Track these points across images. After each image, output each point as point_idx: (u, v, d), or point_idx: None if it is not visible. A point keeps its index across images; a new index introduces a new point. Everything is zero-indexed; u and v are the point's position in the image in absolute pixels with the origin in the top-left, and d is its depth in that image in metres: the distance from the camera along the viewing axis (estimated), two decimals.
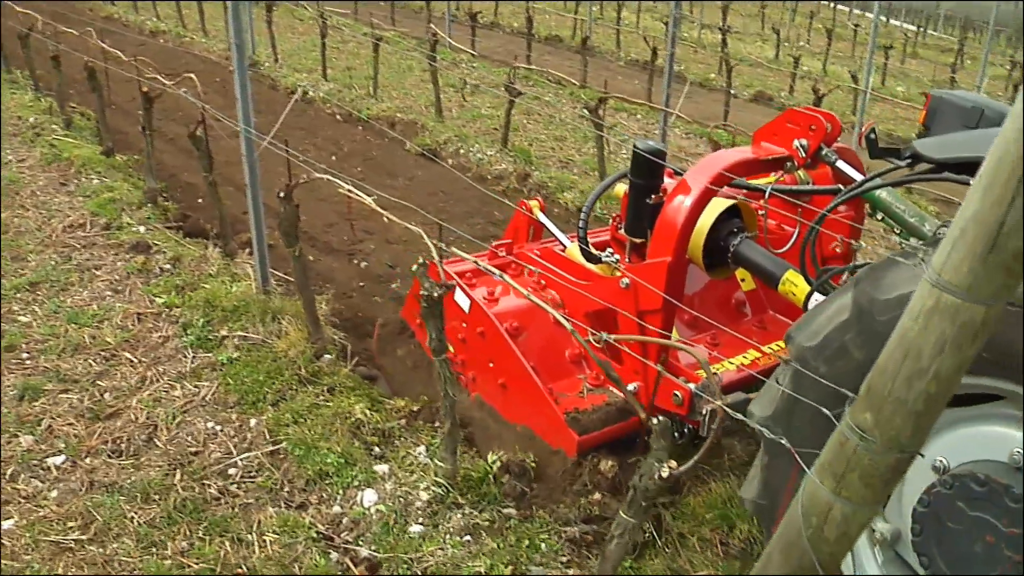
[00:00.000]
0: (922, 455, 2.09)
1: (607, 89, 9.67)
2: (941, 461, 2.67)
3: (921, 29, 41.30)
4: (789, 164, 4.31)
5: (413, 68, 15.46)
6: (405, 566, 3.74)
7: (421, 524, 3.97)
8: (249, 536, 3.91)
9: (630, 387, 4.15)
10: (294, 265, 5.17)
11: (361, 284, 6.81)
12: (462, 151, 10.18)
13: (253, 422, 4.71)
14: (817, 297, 3.85)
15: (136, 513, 4.02)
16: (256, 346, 5.38)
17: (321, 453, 4.40)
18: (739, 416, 2.87)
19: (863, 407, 2.07)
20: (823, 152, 4.34)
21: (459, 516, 3.98)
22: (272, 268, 6.08)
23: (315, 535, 3.94)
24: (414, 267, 3.75)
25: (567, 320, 3.38)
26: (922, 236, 3.96)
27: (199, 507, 4.08)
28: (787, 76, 18.48)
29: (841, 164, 4.31)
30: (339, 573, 3.75)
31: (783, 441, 2.64)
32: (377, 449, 4.53)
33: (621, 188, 4.63)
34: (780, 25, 29.11)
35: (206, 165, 6.37)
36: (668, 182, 4.41)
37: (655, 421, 2.70)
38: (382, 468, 4.34)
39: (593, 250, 4.74)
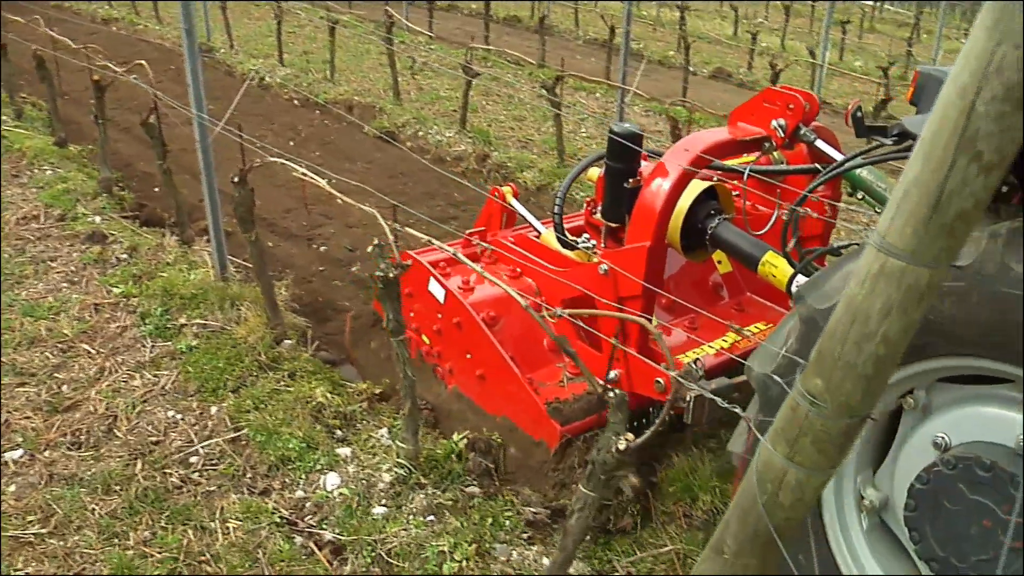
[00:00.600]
0: (872, 416, 2.11)
1: (565, 68, 9.66)
2: (942, 437, 2.63)
3: (878, 4, 41.53)
4: (767, 144, 4.24)
5: (371, 51, 15.34)
6: (369, 548, 3.73)
7: (384, 506, 3.96)
8: (212, 524, 3.89)
9: (611, 375, 4.09)
10: (251, 250, 5.13)
11: (321, 268, 6.78)
12: (420, 133, 10.14)
13: (214, 409, 4.68)
14: (800, 279, 3.82)
15: (97, 505, 3.98)
16: (215, 333, 5.34)
17: (283, 438, 4.38)
18: (725, 404, 2.89)
19: (813, 373, 2.09)
20: (801, 132, 4.27)
21: (422, 496, 3.98)
22: (230, 255, 6.03)
23: (278, 520, 3.93)
24: (370, 248, 3.72)
25: (541, 309, 3.36)
26: None
27: (161, 496, 4.05)
28: (745, 53, 18.55)
29: (820, 143, 4.24)
30: (303, 557, 3.74)
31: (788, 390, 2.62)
32: (339, 432, 4.51)
33: (595, 172, 4.58)
34: (738, 2, 29.17)
35: (160, 153, 6.30)
36: (644, 165, 4.37)
37: (611, 394, 2.71)
38: (344, 451, 4.33)
39: (569, 236, 4.66)
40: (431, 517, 3.89)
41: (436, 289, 4.60)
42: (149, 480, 4.15)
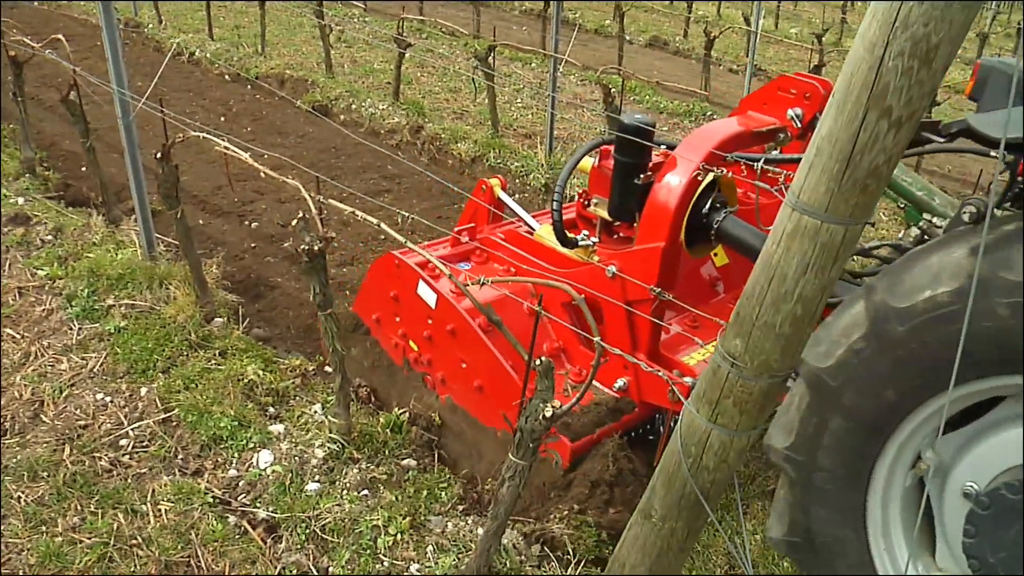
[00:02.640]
0: (793, 376, 2.12)
1: (501, 39, 9.59)
2: (971, 486, 2.51)
3: None
4: (782, 136, 4.07)
5: (304, 25, 15.11)
6: (303, 525, 3.70)
7: (318, 482, 3.92)
8: (143, 507, 3.82)
9: (618, 383, 3.93)
10: (177, 227, 5.02)
11: (253, 245, 6.68)
12: (354, 106, 10.02)
13: (144, 391, 4.58)
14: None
15: (23, 492, 3.88)
16: (144, 313, 5.23)
17: (214, 417, 4.31)
18: None
19: (733, 334, 2.09)
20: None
21: (356, 471, 3.95)
22: (159, 234, 5.91)
23: (211, 500, 3.87)
24: (294, 222, 3.66)
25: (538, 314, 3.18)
26: (932, 210, 3.73)
27: (90, 481, 3.96)
28: (681, 20, 18.59)
29: None
30: (237, 536, 3.69)
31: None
32: (272, 409, 4.46)
33: (588, 162, 4.35)
34: None
35: (82, 130, 6.14)
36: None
37: (538, 362, 2.69)
38: (277, 428, 4.28)
39: (569, 234, 4.36)
40: (365, 492, 3.86)
41: (426, 293, 4.27)
42: (77, 465, 4.05)
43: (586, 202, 4.43)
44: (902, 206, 3.96)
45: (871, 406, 2.37)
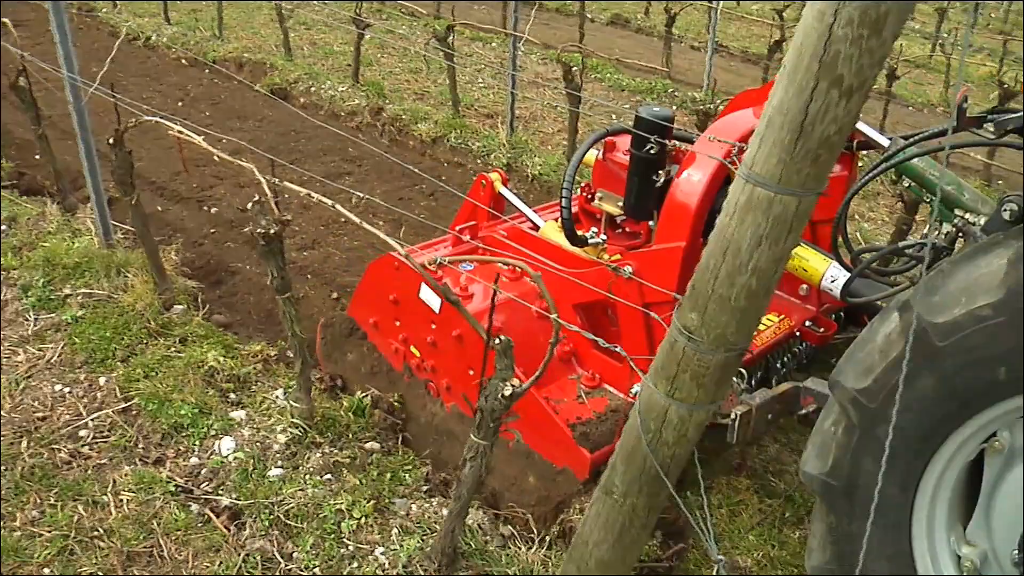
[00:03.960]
0: (749, 350, 2.11)
1: (462, 18, 9.52)
2: (1017, 554, 2.42)
3: None
4: None
5: (262, 7, 14.92)
6: (267, 511, 3.67)
7: (280, 467, 3.89)
8: (104, 497, 3.77)
9: (634, 388, 3.77)
10: (132, 214, 4.95)
11: (212, 231, 6.60)
12: (313, 89, 9.92)
13: (103, 380, 4.52)
14: (836, 274, 3.61)
15: None
16: (102, 302, 5.16)
17: (175, 405, 4.26)
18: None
19: (689, 307, 2.08)
20: None
21: (318, 455, 3.93)
22: (116, 221, 5.82)
23: (173, 489, 3.83)
24: (250, 205, 3.61)
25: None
26: (962, 206, 3.60)
27: (49, 473, 3.91)
28: None
29: (861, 125, 3.96)
30: (200, 525, 3.66)
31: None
32: (233, 396, 4.42)
33: (592, 155, 4.24)
34: None
35: (34, 117, 6.02)
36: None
37: (496, 342, 2.67)
38: (239, 414, 4.24)
39: (579, 231, 4.19)
40: (329, 476, 3.84)
41: (429, 296, 4.02)
42: (36, 457, 3.99)
43: (589, 196, 4.30)
44: (928, 200, 3.87)
45: (915, 424, 2.35)
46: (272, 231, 3.53)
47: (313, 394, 4.22)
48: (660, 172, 3.77)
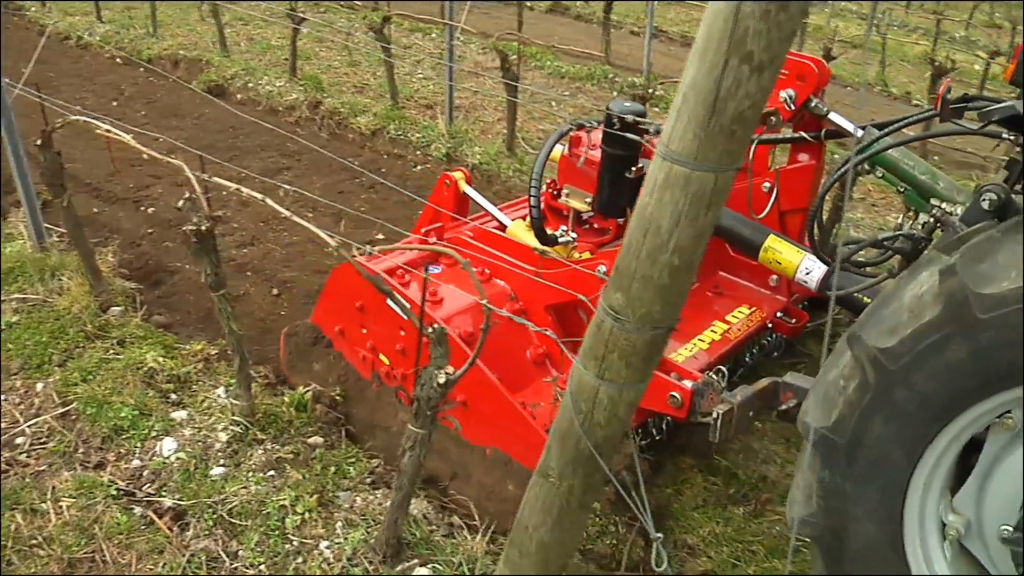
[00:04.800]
0: (675, 327, 2.12)
1: (399, 10, 9.46)
2: (1006, 530, 2.41)
3: None
4: (774, 119, 3.90)
5: (197, 4, 14.72)
6: (210, 510, 3.64)
7: (223, 466, 3.86)
8: (43, 505, 3.71)
9: None
10: (64, 216, 4.86)
11: (150, 231, 6.50)
12: (251, 85, 9.81)
13: (39, 386, 4.45)
14: (811, 266, 3.59)
15: None
16: (37, 307, 5.07)
17: (115, 408, 4.21)
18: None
19: (614, 288, 2.09)
20: (813, 103, 3.96)
21: (261, 452, 3.90)
22: (50, 224, 5.71)
23: (115, 493, 3.78)
24: (180, 202, 3.57)
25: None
26: (937, 195, 3.62)
27: None
28: None
29: (834, 116, 3.97)
30: (143, 527, 3.62)
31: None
32: (174, 396, 4.37)
33: (558, 151, 4.17)
34: None
35: None
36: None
37: (430, 330, 2.67)
38: (180, 414, 4.19)
39: (549, 230, 4.09)
40: (272, 472, 3.82)
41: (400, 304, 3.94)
42: None
43: (555, 192, 4.23)
44: (902, 190, 3.84)
45: (938, 393, 2.31)
46: (204, 228, 3.49)
47: (254, 390, 4.19)
48: (633, 168, 3.72)
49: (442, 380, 2.62)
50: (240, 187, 3.27)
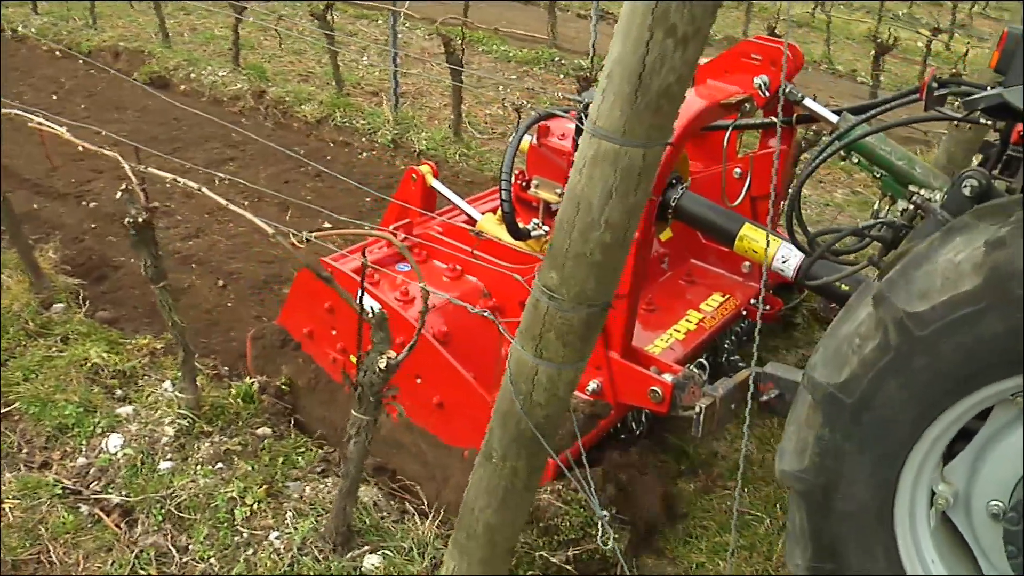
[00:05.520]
0: (612, 305, 2.12)
1: None
2: (996, 505, 2.44)
3: None
4: (748, 106, 3.85)
5: None
6: (158, 505, 3.60)
7: (170, 460, 3.82)
8: None
9: (590, 385, 3.66)
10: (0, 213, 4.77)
11: (93, 226, 6.39)
12: (194, 75, 9.67)
13: None
14: (787, 254, 3.58)
15: None
16: None
17: (58, 406, 4.14)
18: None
19: (548, 267, 2.09)
20: (788, 89, 3.93)
21: (208, 445, 3.86)
22: None
23: (61, 492, 3.72)
24: (117, 194, 3.51)
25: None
26: (914, 181, 3.60)
27: None
28: None
29: (808, 101, 3.94)
30: (90, 526, 3.58)
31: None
32: (119, 391, 4.31)
33: (527, 142, 4.11)
34: None
35: None
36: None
37: (371, 314, 2.65)
38: (126, 410, 4.14)
39: (521, 224, 3.99)
40: (220, 464, 3.78)
41: (368, 303, 3.72)
42: None
43: (524, 184, 4.18)
44: (878, 175, 3.83)
45: (956, 367, 2.28)
46: (141, 219, 3.44)
47: (201, 383, 4.14)
48: None
49: (383, 365, 2.60)
50: (177, 177, 3.22)
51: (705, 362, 3.67)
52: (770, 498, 4.02)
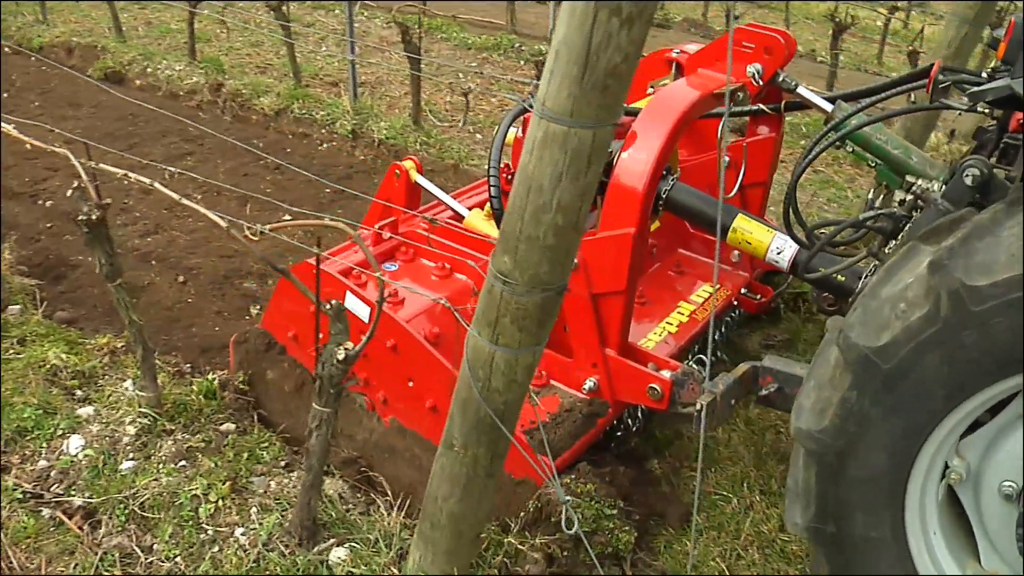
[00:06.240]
0: (568, 288, 2.11)
1: None
2: (1010, 486, 2.41)
3: None
4: (741, 95, 3.81)
5: None
6: (121, 506, 3.55)
7: (132, 459, 3.77)
8: None
9: (587, 384, 3.60)
10: None
11: (49, 225, 6.30)
12: (149, 70, 9.56)
13: None
14: (781, 245, 3.53)
15: None
16: None
17: (16, 409, 4.07)
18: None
19: (501, 251, 2.07)
20: (780, 78, 3.89)
21: (170, 443, 3.82)
22: None
23: (21, 496, 3.66)
24: (69, 192, 3.46)
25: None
26: (910, 170, 3.56)
27: None
28: None
29: (802, 90, 3.89)
30: (52, 529, 3.52)
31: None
32: (79, 392, 4.24)
33: (512, 134, 4.03)
34: None
35: None
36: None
37: (328, 307, 2.63)
38: (86, 411, 4.08)
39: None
40: (183, 462, 3.74)
41: (356, 305, 3.63)
42: None
43: (510, 177, 3.98)
44: (873, 165, 3.80)
45: (926, 393, 2.28)
46: (94, 217, 3.39)
47: (162, 380, 4.10)
48: None
49: (342, 356, 2.58)
50: (128, 173, 3.17)
51: (705, 358, 3.60)
52: (736, 478, 4.04)
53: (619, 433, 3.97)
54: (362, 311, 3.60)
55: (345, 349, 2.58)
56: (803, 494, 2.61)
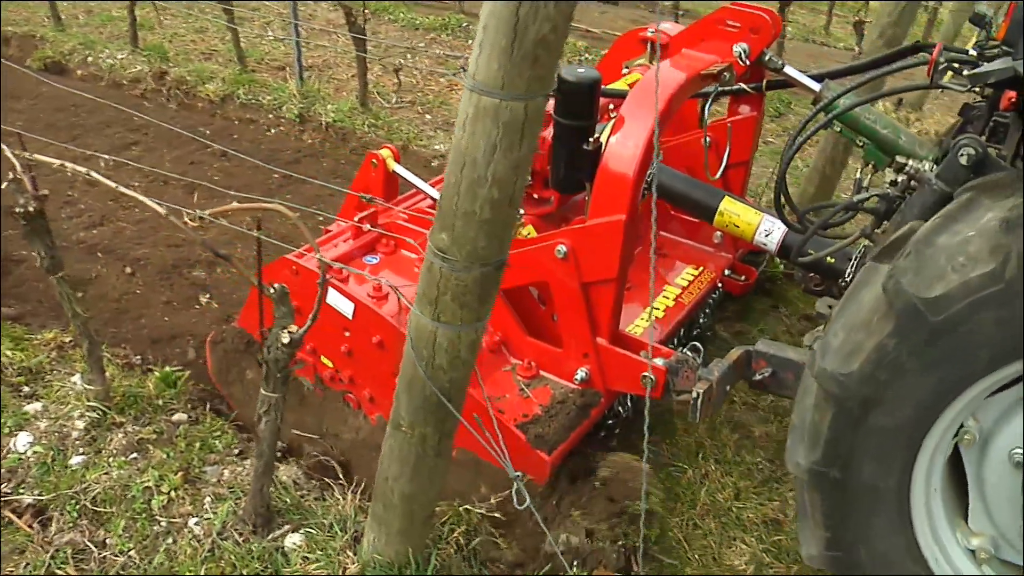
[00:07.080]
0: (507, 263, 2.10)
1: None
2: (1020, 452, 2.41)
3: None
4: (727, 75, 3.72)
5: None
6: (72, 501, 3.51)
7: (82, 454, 3.73)
8: None
9: (579, 374, 3.54)
10: None
11: None
12: (91, 59, 9.38)
13: None
14: (770, 227, 3.51)
15: None
16: None
17: None
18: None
19: (439, 228, 2.06)
20: (767, 57, 3.87)
21: (121, 435, 3.78)
22: None
23: None
24: (4, 185, 3.38)
25: None
26: (899, 150, 3.52)
27: None
28: None
29: (789, 69, 3.85)
30: (1, 528, 3.47)
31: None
32: (26, 388, 4.17)
33: None
34: None
35: None
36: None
37: (271, 291, 2.60)
38: (34, 407, 4.01)
39: None
40: (134, 455, 3.70)
41: (339, 301, 3.55)
42: None
43: None
44: (861, 144, 3.76)
45: (971, 352, 2.24)
46: (31, 208, 3.33)
47: (111, 373, 4.05)
48: (591, 139, 3.46)
49: (286, 340, 2.56)
50: (64, 163, 3.11)
51: (699, 345, 3.50)
52: (691, 448, 4.07)
53: (611, 421, 3.93)
54: (345, 307, 3.53)
55: (290, 332, 2.56)
56: (810, 435, 2.55)
